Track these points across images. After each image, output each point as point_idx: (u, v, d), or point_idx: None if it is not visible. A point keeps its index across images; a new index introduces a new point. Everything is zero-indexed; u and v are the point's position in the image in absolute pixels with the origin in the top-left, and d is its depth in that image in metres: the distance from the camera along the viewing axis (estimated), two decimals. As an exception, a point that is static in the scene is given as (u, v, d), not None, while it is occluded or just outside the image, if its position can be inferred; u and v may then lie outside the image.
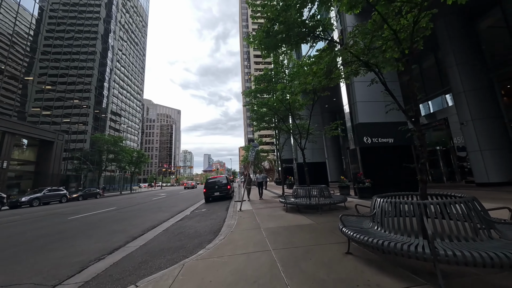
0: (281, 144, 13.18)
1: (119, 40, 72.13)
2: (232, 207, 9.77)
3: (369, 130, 10.33)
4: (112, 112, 68.86)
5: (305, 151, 9.70)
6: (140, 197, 22.48)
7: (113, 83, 70.14)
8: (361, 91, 10.74)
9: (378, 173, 9.93)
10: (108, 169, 36.80)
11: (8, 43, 30.20)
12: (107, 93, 68.61)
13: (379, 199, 3.32)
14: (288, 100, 8.29)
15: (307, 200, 6.87)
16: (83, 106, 55.69)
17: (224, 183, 14.12)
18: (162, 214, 9.57)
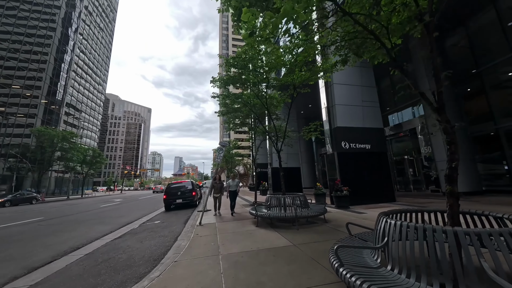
0: (256, 146, 12.01)
1: (82, 23, 64.82)
2: (193, 218, 8.17)
3: (347, 135, 9.75)
4: (67, 105, 61.00)
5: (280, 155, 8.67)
6: (87, 203, 19.12)
7: (71, 72, 62.47)
8: (341, 93, 10.19)
9: (356, 181, 9.32)
10: (56, 169, 31.49)
11: None
12: (64, 83, 60.96)
13: (390, 220, 2.24)
14: (265, 96, 7.17)
15: (281, 211, 5.71)
16: (27, 94, 48.02)
17: (189, 188, 12.35)
18: (100, 228, 7.52)
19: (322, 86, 10.76)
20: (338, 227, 5.15)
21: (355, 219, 6.10)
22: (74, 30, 63.09)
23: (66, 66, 61.40)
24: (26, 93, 47.53)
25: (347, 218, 6.31)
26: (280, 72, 11.22)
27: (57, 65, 57.09)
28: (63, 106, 58.66)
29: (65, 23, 58.99)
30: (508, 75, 11.05)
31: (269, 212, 5.72)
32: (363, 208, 8.23)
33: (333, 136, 9.70)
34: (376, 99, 10.77)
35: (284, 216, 5.24)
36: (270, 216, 5.35)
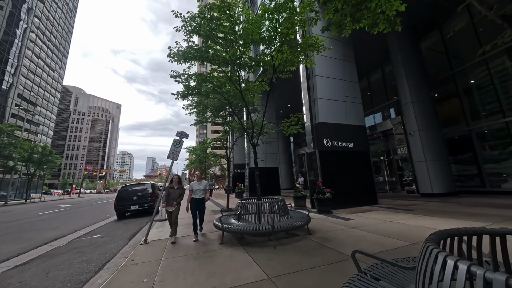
0: (230, 141, 10.59)
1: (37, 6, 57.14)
2: (145, 230, 6.46)
3: (330, 132, 8.87)
4: (18, 96, 52.93)
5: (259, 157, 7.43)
6: (24, 210, 15.77)
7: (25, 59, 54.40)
8: (323, 86, 9.31)
9: (338, 182, 8.44)
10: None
11: None
12: (12, 70, 52.85)
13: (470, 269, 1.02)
14: (238, 79, 5.84)
15: (255, 222, 4.41)
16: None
17: (148, 192, 10.45)
18: (7, 249, 5.44)
19: (304, 80, 9.79)
20: (326, 242, 4.01)
21: (343, 228, 5.06)
22: (26, 9, 55.11)
23: (15, 49, 53.37)
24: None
25: (333, 226, 5.25)
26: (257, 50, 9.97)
27: (4, 50, 49.26)
28: (11, 96, 50.71)
29: (15, 2, 51.20)
30: (478, 78, 11.30)
31: (238, 224, 4.38)
32: (347, 212, 7.33)
33: (315, 133, 8.74)
34: (359, 95, 10.13)
35: (258, 229, 3.94)
36: (239, 230, 4.01)
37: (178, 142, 5.23)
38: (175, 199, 4.91)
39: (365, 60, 11.03)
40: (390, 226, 5.06)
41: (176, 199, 4.93)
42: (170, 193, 4.97)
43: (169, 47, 5.02)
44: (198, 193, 5.09)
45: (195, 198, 5.09)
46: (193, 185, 5.14)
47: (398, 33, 12.67)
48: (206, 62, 5.63)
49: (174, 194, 4.97)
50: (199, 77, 6.01)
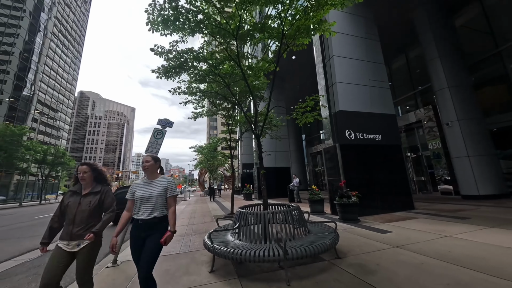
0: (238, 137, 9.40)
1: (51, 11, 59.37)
2: None
3: (353, 122, 7.37)
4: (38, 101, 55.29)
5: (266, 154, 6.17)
6: (26, 212, 15.49)
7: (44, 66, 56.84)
8: (342, 68, 7.82)
9: (364, 182, 6.93)
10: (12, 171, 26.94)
11: None
12: (33, 77, 55.26)
13: None
14: (237, 52, 4.58)
15: (260, 241, 3.10)
16: (-10, 88, 42.70)
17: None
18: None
19: (319, 61, 8.35)
20: (367, 275, 2.62)
21: (383, 246, 3.61)
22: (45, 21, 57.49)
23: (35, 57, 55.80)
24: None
25: (368, 244, 3.82)
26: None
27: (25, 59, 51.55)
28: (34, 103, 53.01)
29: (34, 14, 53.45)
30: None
31: (236, 244, 3.09)
32: (379, 220, 5.81)
33: (334, 123, 7.28)
34: (386, 78, 8.52)
35: (262, 255, 2.63)
36: (236, 256, 2.70)
37: (159, 132, 4.05)
38: (83, 223, 2.09)
39: (385, 45, 9.48)
40: (452, 244, 3.55)
41: (86, 223, 2.11)
42: (68, 206, 2.12)
43: (147, 9, 3.85)
44: (144, 206, 2.13)
45: (137, 219, 2.14)
46: (136, 186, 2.26)
47: (429, 9, 10.87)
48: (197, 31, 4.41)
49: (81, 209, 2.12)
50: (191, 55, 4.80)
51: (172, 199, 2.25)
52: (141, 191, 2.22)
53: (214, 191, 19.75)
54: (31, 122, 51.84)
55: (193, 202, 17.43)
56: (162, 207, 2.19)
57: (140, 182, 2.34)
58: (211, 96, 7.01)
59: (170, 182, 2.31)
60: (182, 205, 14.56)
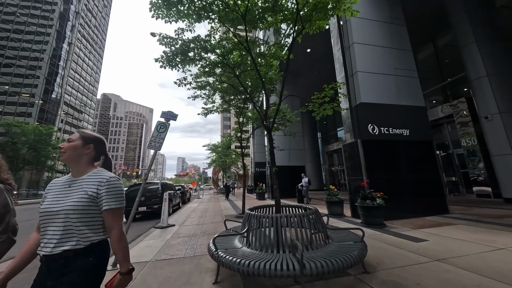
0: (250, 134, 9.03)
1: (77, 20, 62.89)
2: (148, 236, 5.18)
3: (376, 115, 6.64)
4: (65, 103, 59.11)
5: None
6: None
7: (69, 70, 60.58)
8: (364, 57, 7.10)
9: (391, 183, 6.20)
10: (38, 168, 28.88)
11: None
12: (61, 82, 59.05)
13: None
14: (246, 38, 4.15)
15: (272, 248, 2.65)
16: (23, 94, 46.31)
17: (159, 192, 9.39)
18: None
19: (338, 49, 7.68)
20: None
21: (420, 259, 2.99)
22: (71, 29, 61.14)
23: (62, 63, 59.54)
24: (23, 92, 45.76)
25: (401, 255, 3.21)
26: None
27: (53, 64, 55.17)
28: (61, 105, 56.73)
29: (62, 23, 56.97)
30: None
31: (244, 252, 2.68)
32: (408, 226, 5.11)
33: (355, 117, 6.60)
34: (414, 66, 7.63)
35: (274, 268, 2.18)
36: (243, 268, 2.27)
37: (162, 126, 3.74)
38: None
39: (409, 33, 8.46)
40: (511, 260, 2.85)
41: None
42: None
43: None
44: (51, 230, 1.13)
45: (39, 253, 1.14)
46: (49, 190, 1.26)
47: (462, -12, 9.68)
48: (203, 17, 4.05)
49: None
50: (197, 44, 4.45)
51: (110, 215, 1.20)
52: (50, 199, 1.19)
53: (229, 189, 19.06)
54: (59, 123, 55.55)
55: (206, 200, 17.37)
56: (84, 231, 1.14)
57: (58, 181, 1.28)
58: (221, 91, 6.65)
59: (107, 182, 1.22)
60: (195, 203, 14.49)
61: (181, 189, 14.58)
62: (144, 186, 3.82)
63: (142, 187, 3.78)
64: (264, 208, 3.72)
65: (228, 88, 7.23)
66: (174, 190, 11.78)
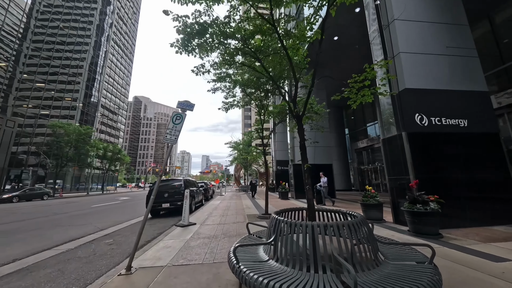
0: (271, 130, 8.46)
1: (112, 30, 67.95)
2: (168, 234, 4.98)
3: (425, 103, 5.59)
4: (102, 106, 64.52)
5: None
6: (88, 201, 17.58)
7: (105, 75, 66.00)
8: (408, 35, 6.03)
9: (444, 184, 5.15)
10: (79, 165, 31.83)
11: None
12: (98, 86, 64.52)
13: None
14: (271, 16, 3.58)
15: (308, 269, 2.06)
16: (67, 98, 51.48)
17: (182, 189, 9.31)
18: (9, 251, 4.75)
19: (374, 30, 6.69)
20: None
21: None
22: (106, 38, 66.37)
23: (98, 70, 64.98)
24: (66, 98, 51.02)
25: (481, 281, 2.37)
26: None
27: (91, 71, 60.45)
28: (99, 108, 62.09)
29: (98, 33, 62.11)
30: None
31: (272, 267, 2.14)
32: (473, 237, 4.09)
33: (398, 106, 5.62)
34: (471, 43, 6.31)
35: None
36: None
37: (178, 117, 3.36)
38: None
39: None
40: None
41: None
42: None
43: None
44: None
45: None
46: None
47: None
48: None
49: None
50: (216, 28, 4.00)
51: None
52: None
53: (255, 187, 17.89)
54: (97, 124, 60.89)
55: (228, 197, 17.24)
56: None
57: None
58: (242, 84, 6.17)
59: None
60: (217, 201, 14.39)
61: (203, 186, 14.57)
62: (158, 183, 3.48)
63: (157, 184, 3.46)
64: (293, 212, 3.14)
65: (249, 81, 6.76)
66: (197, 187, 11.72)
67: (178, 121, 3.34)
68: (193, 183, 11.58)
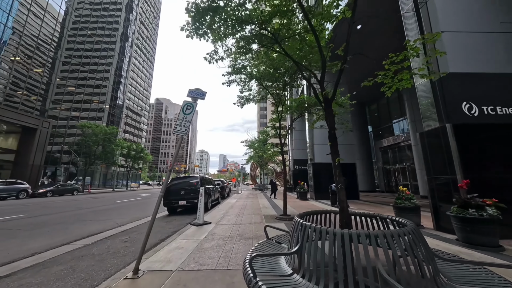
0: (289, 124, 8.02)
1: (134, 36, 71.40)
2: (182, 234, 4.78)
3: (474, 90, 4.73)
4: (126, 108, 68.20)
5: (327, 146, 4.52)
6: (112, 197, 18.38)
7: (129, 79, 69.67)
8: (451, 10, 5.18)
9: (501, 185, 4.29)
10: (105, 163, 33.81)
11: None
12: (123, 89, 68.23)
13: None
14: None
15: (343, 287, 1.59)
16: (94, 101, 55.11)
17: (196, 187, 9.16)
18: (30, 244, 4.83)
19: (409, 7, 5.89)
20: None
21: None
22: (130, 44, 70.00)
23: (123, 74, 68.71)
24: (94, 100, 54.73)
25: None
26: None
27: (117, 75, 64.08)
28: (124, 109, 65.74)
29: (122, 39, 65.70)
30: None
31: (297, 282, 1.70)
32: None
33: (440, 94, 4.83)
34: (534, 18, 5.25)
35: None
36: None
37: (189, 106, 3.04)
38: None
39: None
40: None
41: None
42: None
43: None
44: None
45: None
46: None
47: None
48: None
49: None
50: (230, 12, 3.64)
51: None
52: None
53: (276, 186, 16.33)
54: (121, 124, 64.49)
55: (244, 196, 16.99)
56: None
57: None
58: (258, 77, 5.76)
59: None
60: (233, 199, 14.18)
61: (220, 184, 14.44)
62: (167, 180, 3.20)
63: (165, 181, 3.18)
64: (320, 216, 2.66)
65: (265, 74, 6.33)
66: (213, 184, 11.57)
67: (188, 110, 3.02)
68: (209, 180, 11.44)
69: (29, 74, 30.14)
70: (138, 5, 73.38)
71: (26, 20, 32.73)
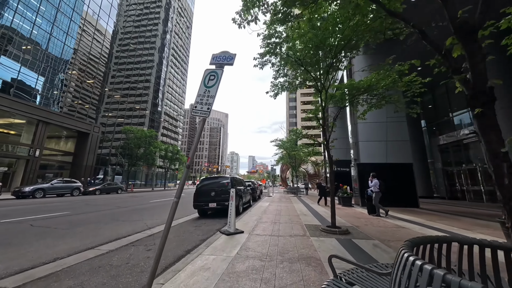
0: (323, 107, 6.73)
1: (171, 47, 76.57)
2: (210, 244, 4.01)
3: None
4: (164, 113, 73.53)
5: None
6: (149, 196, 19.12)
7: (166, 86, 75.11)
8: None
9: None
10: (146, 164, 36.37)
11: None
12: (161, 97, 73.76)
13: None
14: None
15: None
16: (137, 108, 60.57)
17: (227, 188, 8.44)
18: (55, 247, 4.57)
19: None
20: None
21: None
22: (166, 55, 75.51)
23: (162, 84, 74.25)
24: (136, 107, 60.32)
25: None
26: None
27: (156, 83, 69.52)
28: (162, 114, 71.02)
29: (161, 49, 71.21)
30: None
31: None
32: None
33: None
34: None
35: None
36: None
37: (212, 75, 2.16)
38: None
39: None
40: None
41: None
42: None
43: None
44: None
45: None
46: None
47: None
48: None
49: None
50: None
51: None
52: None
53: (325, 191, 12.30)
54: (161, 129, 69.61)
55: (276, 199, 15.88)
56: None
57: None
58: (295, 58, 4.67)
59: None
60: (266, 202, 13.21)
61: (251, 185, 13.62)
62: (185, 178, 2.36)
63: (183, 179, 2.33)
64: (440, 246, 1.47)
65: (303, 53, 5.19)
66: (244, 186, 10.79)
67: (212, 82, 2.15)
68: (240, 181, 10.69)
69: (83, 86, 34.37)
70: (173, 18, 78.70)
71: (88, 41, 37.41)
